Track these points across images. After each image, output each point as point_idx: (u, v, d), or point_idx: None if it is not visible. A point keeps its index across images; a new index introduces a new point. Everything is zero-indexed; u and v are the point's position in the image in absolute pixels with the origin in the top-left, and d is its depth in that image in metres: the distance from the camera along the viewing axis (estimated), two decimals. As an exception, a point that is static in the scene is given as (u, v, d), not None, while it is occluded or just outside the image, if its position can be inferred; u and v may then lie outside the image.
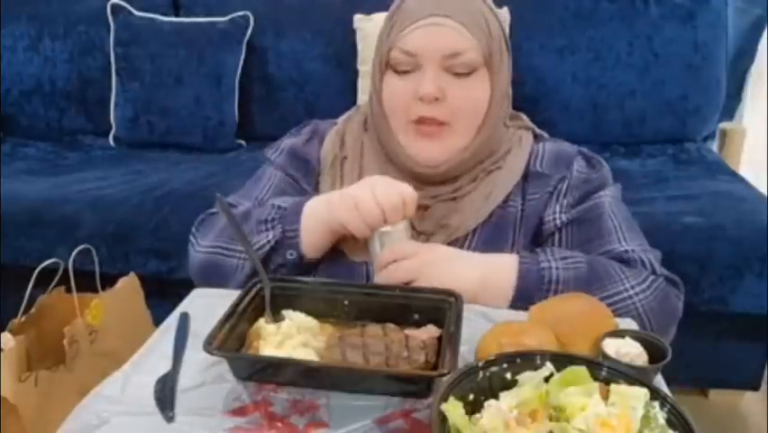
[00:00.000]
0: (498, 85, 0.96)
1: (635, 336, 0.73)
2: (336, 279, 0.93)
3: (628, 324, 0.84)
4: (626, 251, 0.93)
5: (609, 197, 1.00)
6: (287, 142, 1.11)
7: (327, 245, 0.96)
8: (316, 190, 1.05)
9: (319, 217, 0.93)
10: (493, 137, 0.99)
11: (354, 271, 0.98)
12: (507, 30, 1.00)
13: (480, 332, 0.75)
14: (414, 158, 0.96)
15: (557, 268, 0.88)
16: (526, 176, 1.01)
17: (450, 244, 0.96)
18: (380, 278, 0.89)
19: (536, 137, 1.08)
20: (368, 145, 1.04)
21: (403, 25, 0.93)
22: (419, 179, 0.98)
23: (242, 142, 2.30)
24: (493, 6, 0.98)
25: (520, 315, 0.84)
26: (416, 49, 0.92)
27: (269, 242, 0.94)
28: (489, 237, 0.98)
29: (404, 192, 0.89)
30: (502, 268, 0.90)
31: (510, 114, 1.07)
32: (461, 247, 0.96)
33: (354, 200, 0.89)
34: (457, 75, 0.93)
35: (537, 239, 1.00)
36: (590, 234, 0.96)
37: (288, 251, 0.94)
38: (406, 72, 0.94)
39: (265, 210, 0.98)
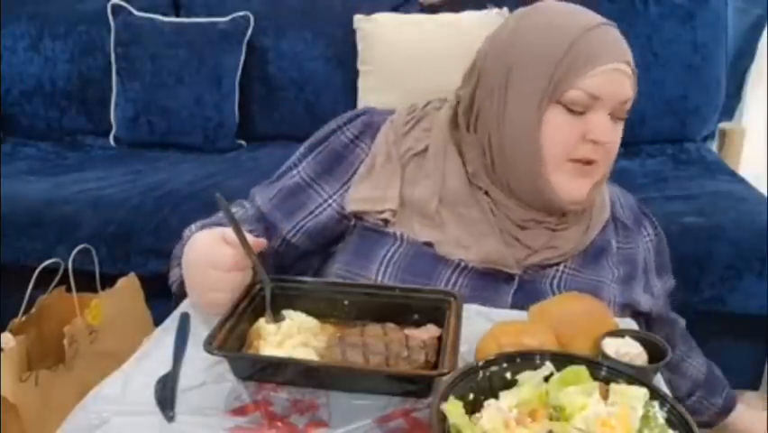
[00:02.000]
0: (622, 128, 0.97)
1: (634, 335, 0.73)
2: (421, 270, 0.92)
3: (628, 324, 0.84)
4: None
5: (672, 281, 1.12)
6: (332, 139, 1.02)
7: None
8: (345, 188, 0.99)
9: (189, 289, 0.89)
10: None
11: (444, 264, 0.96)
12: None
13: (480, 332, 0.75)
14: (567, 197, 0.92)
15: None
16: (615, 219, 1.04)
17: (551, 265, 0.97)
18: None
19: None
20: (452, 147, 0.98)
21: (587, 67, 0.88)
22: (534, 205, 0.95)
23: (242, 142, 2.30)
24: None
25: (520, 315, 0.84)
26: (602, 93, 0.89)
27: (178, 278, 0.94)
28: (590, 261, 0.99)
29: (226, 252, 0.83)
30: None
31: None
32: (564, 265, 0.97)
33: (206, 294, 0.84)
34: (616, 120, 0.92)
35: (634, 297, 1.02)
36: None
37: None
38: (578, 113, 0.90)
39: (180, 243, 0.98)
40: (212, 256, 0.82)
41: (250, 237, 0.83)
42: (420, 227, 0.95)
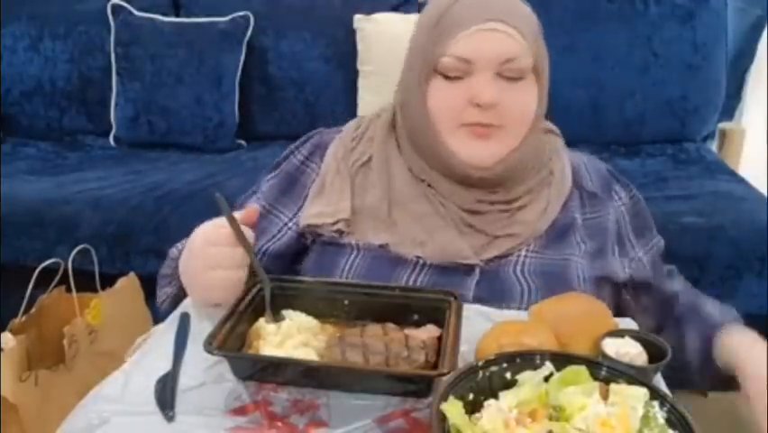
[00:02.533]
0: (543, 90, 0.96)
1: (634, 335, 0.73)
2: (380, 271, 0.92)
3: (627, 324, 0.84)
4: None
5: (660, 240, 1.06)
6: (285, 164, 1.06)
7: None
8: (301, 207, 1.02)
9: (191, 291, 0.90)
10: (536, 142, 0.99)
11: (401, 263, 0.96)
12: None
13: (480, 332, 0.75)
14: (467, 160, 0.93)
15: None
16: (580, 189, 1.02)
17: (511, 251, 0.96)
18: None
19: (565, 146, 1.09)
20: (394, 149, 1.01)
21: (455, 31, 0.90)
22: (469, 183, 0.96)
23: (242, 142, 2.30)
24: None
25: (520, 315, 0.84)
26: (471, 55, 0.89)
27: (168, 296, 0.96)
28: (554, 240, 0.98)
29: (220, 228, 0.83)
30: None
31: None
32: (526, 249, 0.96)
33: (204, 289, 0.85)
34: (508, 80, 0.91)
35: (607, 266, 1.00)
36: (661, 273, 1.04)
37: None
38: (457, 78, 0.91)
39: (167, 263, 0.99)
40: (211, 235, 0.83)
41: (248, 231, 0.83)
42: (374, 232, 0.96)
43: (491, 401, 0.61)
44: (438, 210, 0.96)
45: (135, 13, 2.28)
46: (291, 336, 0.75)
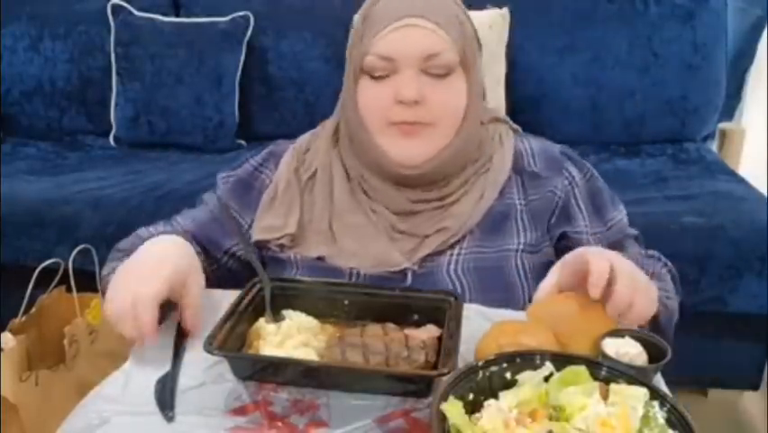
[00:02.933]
0: (475, 84, 0.95)
1: (634, 335, 0.73)
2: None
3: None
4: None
5: (623, 214, 1.03)
6: (239, 170, 1.07)
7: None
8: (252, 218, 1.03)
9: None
10: (473, 136, 0.98)
11: (338, 275, 0.96)
12: (475, 29, 0.98)
13: (479, 332, 0.75)
14: (396, 159, 0.94)
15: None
16: (521, 173, 1.01)
17: (443, 247, 0.95)
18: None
19: (514, 132, 1.07)
20: (336, 160, 1.02)
21: (376, 30, 0.91)
22: (404, 183, 0.97)
23: (242, 142, 2.30)
24: (462, 5, 0.97)
25: (520, 315, 0.84)
26: (392, 53, 0.90)
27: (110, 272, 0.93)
28: (490, 231, 0.96)
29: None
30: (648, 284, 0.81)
31: (485, 109, 1.06)
32: (460, 246, 0.96)
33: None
34: (434, 76, 0.91)
35: (552, 243, 0.99)
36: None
37: None
38: (382, 77, 0.92)
39: (128, 240, 1.01)
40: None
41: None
42: (315, 245, 0.97)
43: (491, 401, 0.61)
44: (371, 219, 0.96)
45: (135, 13, 2.28)
46: (291, 336, 0.76)
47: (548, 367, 0.63)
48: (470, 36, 0.95)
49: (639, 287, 0.76)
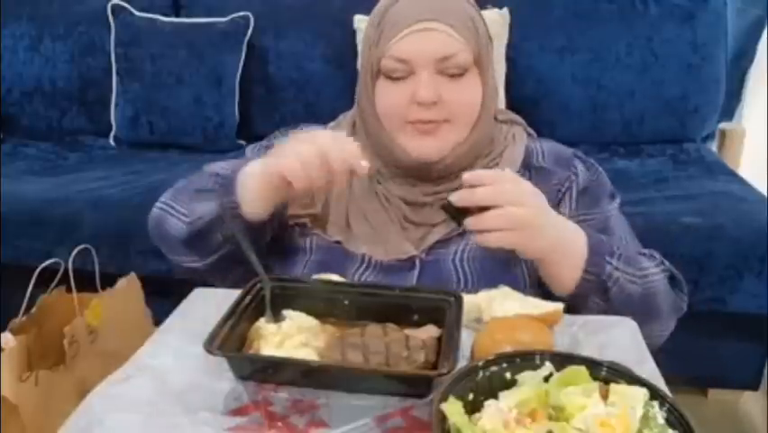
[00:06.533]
0: (489, 82, 0.98)
1: None
2: (332, 267, 0.94)
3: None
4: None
5: (616, 209, 1.04)
6: (271, 143, 1.10)
7: (270, 204, 0.93)
8: None
9: (258, 171, 0.91)
10: (487, 131, 1.01)
11: (351, 260, 0.98)
12: (487, 26, 1.01)
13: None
14: (413, 155, 0.97)
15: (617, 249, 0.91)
16: (529, 169, 1.03)
17: (450, 235, 0.97)
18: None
19: (529, 135, 1.09)
20: None
21: (392, 33, 0.93)
22: (418, 177, 1.00)
23: (243, 142, 2.30)
24: (474, 4, 0.99)
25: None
26: (408, 56, 0.93)
27: (204, 214, 0.96)
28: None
29: (347, 146, 0.87)
30: (575, 230, 0.90)
31: (502, 110, 1.09)
32: (467, 236, 0.96)
33: (293, 148, 0.86)
34: (450, 76, 0.94)
35: None
36: None
37: (230, 215, 0.92)
38: (399, 78, 0.95)
39: (203, 179, 1.03)
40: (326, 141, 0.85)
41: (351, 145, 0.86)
42: (333, 227, 1.00)
43: (491, 401, 0.61)
44: (384, 207, 1.00)
45: (135, 13, 2.28)
46: (291, 336, 0.76)
47: (548, 367, 0.63)
48: (483, 35, 0.97)
49: (532, 222, 0.82)
